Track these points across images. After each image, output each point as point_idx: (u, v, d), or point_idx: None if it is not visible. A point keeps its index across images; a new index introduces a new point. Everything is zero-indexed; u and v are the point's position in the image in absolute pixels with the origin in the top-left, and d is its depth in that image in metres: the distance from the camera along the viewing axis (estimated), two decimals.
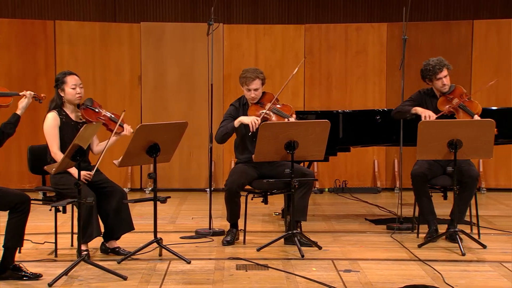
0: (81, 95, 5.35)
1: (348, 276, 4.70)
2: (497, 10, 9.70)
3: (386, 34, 9.09)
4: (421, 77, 5.97)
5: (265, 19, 9.75)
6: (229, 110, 5.90)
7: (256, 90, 5.75)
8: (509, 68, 8.92)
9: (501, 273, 4.78)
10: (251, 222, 6.53)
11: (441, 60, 5.88)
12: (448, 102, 5.85)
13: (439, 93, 5.94)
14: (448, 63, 5.91)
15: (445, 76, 5.86)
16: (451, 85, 5.92)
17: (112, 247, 5.34)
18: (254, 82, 5.74)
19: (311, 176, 5.63)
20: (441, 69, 5.84)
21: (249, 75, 5.74)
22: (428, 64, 5.89)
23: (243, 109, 5.86)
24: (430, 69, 5.86)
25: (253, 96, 5.77)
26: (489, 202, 8.13)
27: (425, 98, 5.99)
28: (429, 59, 5.94)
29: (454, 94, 5.88)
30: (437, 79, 5.86)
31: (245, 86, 5.77)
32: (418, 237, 5.93)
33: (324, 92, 9.20)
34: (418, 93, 6.06)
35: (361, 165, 9.19)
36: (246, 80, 5.75)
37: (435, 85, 5.91)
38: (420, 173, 5.72)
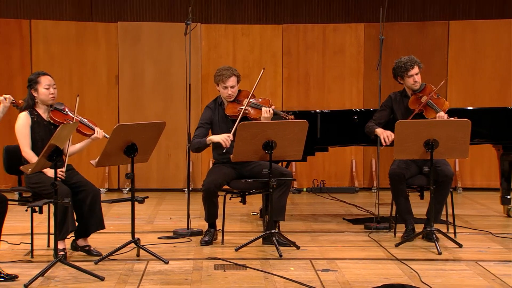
0: (54, 95, 5.33)
1: (326, 276, 4.71)
2: (473, 11, 9.80)
3: (363, 35, 9.14)
4: (392, 75, 6.04)
5: (243, 19, 9.75)
6: (204, 115, 5.86)
7: (232, 87, 5.76)
8: (484, 69, 9.01)
9: (476, 272, 4.82)
10: (229, 222, 6.53)
11: (412, 57, 5.96)
12: (418, 101, 5.91)
13: (410, 91, 5.99)
14: (419, 61, 5.97)
15: (416, 73, 5.92)
16: (422, 83, 5.98)
17: (82, 245, 5.32)
18: (230, 79, 5.75)
19: (289, 176, 5.65)
20: (412, 66, 5.90)
21: (225, 73, 5.75)
22: (399, 62, 5.96)
23: (219, 110, 5.86)
24: (401, 66, 5.92)
25: (230, 93, 5.77)
26: (465, 202, 8.20)
27: (397, 100, 6.04)
28: (400, 57, 6.02)
29: (424, 92, 5.94)
30: (409, 76, 5.92)
31: (222, 84, 5.77)
32: (395, 236, 5.97)
33: (302, 92, 9.22)
34: (388, 98, 6.12)
35: (339, 165, 9.22)
36: (222, 78, 5.75)
37: (406, 82, 5.96)
38: (398, 173, 5.76)
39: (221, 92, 5.82)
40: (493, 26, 9.02)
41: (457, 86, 8.99)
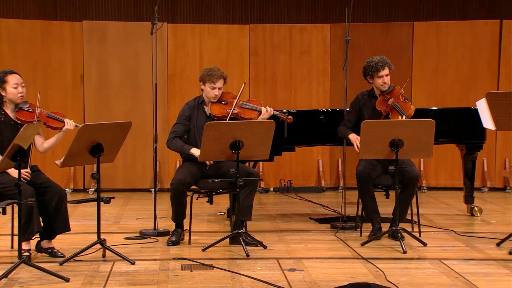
0: (23, 94, 5.27)
1: (292, 275, 4.73)
2: (436, 12, 9.92)
3: (329, 35, 9.20)
4: (362, 74, 6.07)
5: (209, 19, 9.74)
6: (183, 112, 5.86)
7: (220, 88, 5.78)
8: (447, 69, 9.14)
9: (440, 270, 4.89)
10: (197, 222, 6.51)
11: (384, 58, 6.00)
12: (385, 102, 5.96)
13: (378, 92, 6.05)
14: (390, 62, 6.02)
15: (386, 74, 5.98)
16: (391, 85, 6.03)
17: (46, 247, 5.26)
18: (220, 81, 5.77)
19: (256, 176, 5.66)
20: (383, 67, 5.95)
21: (215, 73, 5.76)
22: (371, 61, 5.99)
23: (198, 108, 5.85)
24: (373, 66, 5.96)
25: (216, 94, 5.78)
26: (429, 201, 8.30)
27: (364, 100, 6.09)
28: (372, 57, 6.05)
29: (392, 94, 5.99)
30: (379, 77, 5.96)
31: (210, 84, 5.76)
32: (361, 235, 6.01)
33: (269, 92, 9.24)
34: (356, 99, 6.16)
35: (305, 164, 9.26)
36: (212, 78, 5.75)
37: (375, 83, 6.01)
38: (365, 173, 5.81)
39: (206, 91, 5.81)
40: (456, 27, 9.15)
41: (421, 86, 9.10)
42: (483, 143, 6.97)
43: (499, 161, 9.08)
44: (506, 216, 7.25)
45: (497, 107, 5.47)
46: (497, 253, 5.35)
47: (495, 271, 4.83)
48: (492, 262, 5.08)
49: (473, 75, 9.07)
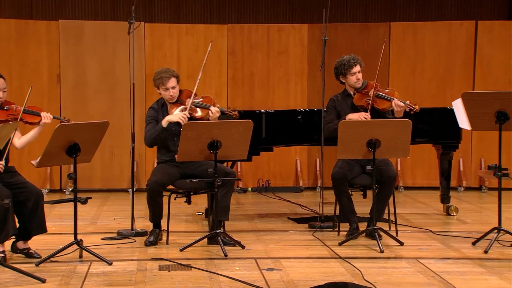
0: (2, 100, 5.22)
1: (270, 275, 4.74)
2: (413, 13, 10.00)
3: (307, 35, 9.22)
4: (335, 75, 6.10)
5: (187, 19, 9.71)
6: (150, 114, 5.85)
7: (173, 88, 5.74)
8: (424, 69, 9.21)
9: (417, 269, 4.92)
10: (174, 222, 6.50)
11: (354, 56, 6.05)
12: (364, 96, 5.99)
13: (353, 90, 6.07)
14: (360, 59, 6.06)
15: (359, 71, 6.01)
16: (364, 81, 6.07)
17: (22, 248, 5.22)
18: (170, 81, 5.74)
19: (233, 176, 5.66)
20: (355, 64, 5.99)
21: (164, 75, 5.74)
22: (342, 60, 6.04)
23: (162, 110, 5.84)
24: (344, 64, 5.99)
25: (172, 95, 5.76)
26: (406, 200, 8.35)
27: (339, 101, 6.11)
28: (342, 56, 6.09)
29: (368, 88, 6.03)
30: (351, 74, 5.99)
31: (162, 87, 5.75)
32: (339, 235, 6.04)
33: (247, 92, 9.24)
34: (331, 101, 6.17)
35: (283, 164, 9.28)
36: (162, 80, 5.73)
37: (349, 81, 6.04)
38: (340, 175, 5.83)
39: (163, 95, 5.81)
40: (432, 28, 9.22)
41: (398, 86, 9.13)
42: (459, 143, 7.04)
43: (475, 160, 9.17)
44: (482, 215, 7.33)
45: (473, 107, 5.53)
46: (472, 252, 5.41)
47: (471, 270, 4.88)
48: (468, 261, 5.13)
49: (449, 75, 9.15)
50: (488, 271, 4.82)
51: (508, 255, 5.29)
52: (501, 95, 5.46)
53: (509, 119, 5.35)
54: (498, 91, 5.66)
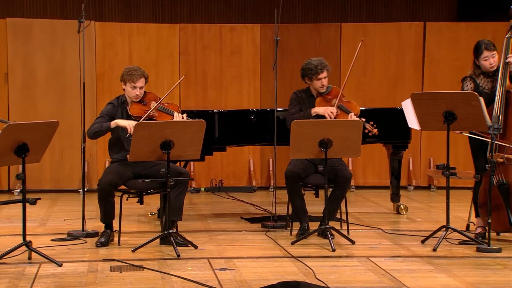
0: None
1: (223, 275, 4.74)
2: (363, 14, 10.13)
3: (259, 35, 9.24)
4: (301, 75, 6.10)
5: (138, 18, 9.64)
6: (106, 109, 5.79)
7: (141, 88, 5.71)
8: (374, 70, 9.32)
9: (368, 267, 4.98)
10: (126, 223, 6.44)
11: (322, 61, 6.05)
12: (327, 103, 6.03)
13: (316, 92, 6.11)
14: (328, 64, 6.08)
15: (325, 77, 6.04)
16: (329, 86, 6.10)
17: None
18: (140, 80, 5.71)
19: (186, 176, 5.64)
20: (322, 70, 6.01)
21: (135, 73, 5.70)
22: (310, 64, 6.03)
23: (121, 108, 5.79)
24: (312, 69, 6.00)
25: (138, 94, 5.72)
26: (357, 200, 8.45)
27: (302, 98, 6.14)
28: (311, 58, 6.09)
29: (332, 94, 6.07)
30: (317, 79, 6.02)
31: (131, 84, 5.70)
32: (291, 234, 6.07)
33: (200, 91, 9.22)
34: (295, 95, 6.19)
35: (237, 164, 9.28)
36: (133, 78, 5.68)
37: (314, 85, 6.07)
38: (293, 173, 5.87)
39: (127, 91, 5.74)
40: (382, 29, 9.35)
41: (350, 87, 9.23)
42: (408, 142, 7.15)
43: (424, 160, 9.33)
44: (431, 214, 7.46)
45: (421, 107, 5.62)
46: (422, 250, 5.50)
47: (420, 268, 4.96)
48: (417, 259, 5.21)
49: (399, 76, 9.29)
50: (437, 269, 4.92)
51: (456, 252, 5.40)
52: (448, 95, 5.57)
53: (457, 119, 5.46)
54: (446, 92, 5.77)
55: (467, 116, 5.42)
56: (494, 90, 5.65)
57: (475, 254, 5.34)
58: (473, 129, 5.63)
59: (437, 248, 5.42)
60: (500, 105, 5.54)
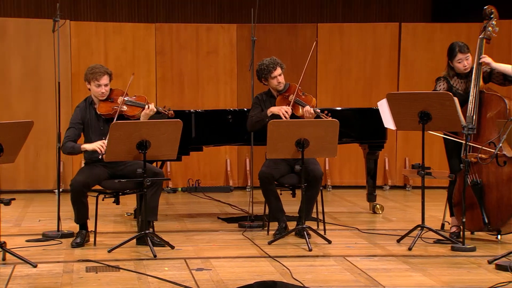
0: None
1: (200, 275, 4.73)
2: (339, 14, 10.17)
3: (236, 35, 9.24)
4: (257, 78, 6.14)
5: (114, 17, 9.59)
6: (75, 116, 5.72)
7: (106, 85, 5.67)
8: (350, 70, 9.37)
9: (344, 267, 5.00)
10: (102, 223, 6.40)
11: (274, 59, 6.08)
12: (285, 100, 6.06)
13: (276, 92, 6.13)
14: (281, 62, 6.10)
15: (279, 74, 6.06)
16: (286, 83, 6.12)
17: None
18: (104, 77, 5.67)
19: (161, 176, 5.62)
20: (275, 68, 6.03)
21: (98, 71, 5.67)
22: (262, 64, 6.07)
23: (90, 109, 5.75)
24: (264, 69, 6.04)
25: (103, 91, 5.68)
26: (334, 199, 8.48)
27: (264, 101, 6.15)
28: (263, 59, 6.12)
29: (290, 91, 6.09)
30: (272, 78, 6.04)
31: (95, 82, 5.66)
32: (268, 234, 6.08)
33: (176, 91, 9.19)
34: (256, 98, 6.22)
35: (213, 164, 9.27)
36: (96, 76, 5.65)
37: (270, 84, 6.09)
38: (266, 174, 5.87)
39: (93, 91, 5.71)
40: (358, 29, 9.40)
41: (326, 87, 9.30)
42: (384, 142, 7.20)
43: (400, 160, 9.39)
44: (406, 213, 7.52)
45: (397, 107, 5.66)
46: (397, 249, 5.54)
47: (395, 267, 5.00)
48: (393, 258, 5.25)
49: (375, 76, 9.35)
50: (412, 268, 4.95)
51: (431, 252, 5.45)
52: (424, 95, 5.62)
53: (432, 119, 5.51)
54: (421, 92, 5.82)
55: (442, 116, 5.47)
56: (467, 91, 5.71)
57: (450, 253, 5.39)
58: (447, 129, 5.69)
59: (412, 247, 5.46)
60: (474, 105, 5.61)
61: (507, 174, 5.49)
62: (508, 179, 5.48)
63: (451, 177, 5.78)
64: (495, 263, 4.91)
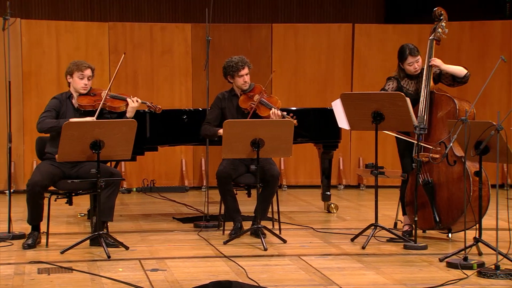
0: None
1: (155, 275, 4.71)
2: (294, 14, 10.23)
3: (191, 35, 9.21)
4: (223, 74, 6.13)
5: (66, 15, 9.46)
6: (53, 103, 5.70)
7: (89, 78, 5.69)
8: (305, 70, 9.43)
9: (299, 266, 5.03)
10: (55, 224, 6.31)
11: (243, 58, 6.10)
12: (249, 99, 6.07)
13: (239, 91, 6.14)
14: (249, 62, 6.13)
15: (246, 73, 6.07)
16: (251, 83, 6.14)
17: None
18: (88, 70, 5.69)
19: (117, 176, 5.58)
20: (243, 67, 6.04)
21: (83, 63, 5.70)
22: (231, 61, 6.07)
23: (67, 103, 5.72)
24: (233, 66, 6.03)
25: (86, 83, 5.69)
26: (289, 199, 8.53)
27: (225, 100, 6.15)
28: (232, 57, 6.13)
29: (254, 91, 6.11)
30: (239, 76, 6.05)
31: (78, 73, 5.66)
32: (223, 234, 6.08)
33: (130, 91, 9.03)
34: (217, 99, 6.20)
35: (169, 164, 9.23)
36: (80, 67, 5.67)
37: (236, 82, 6.09)
38: (225, 174, 5.87)
39: (75, 83, 5.68)
40: (313, 30, 9.47)
41: (281, 87, 9.33)
42: (338, 142, 7.26)
43: (354, 159, 9.49)
44: (360, 212, 7.60)
45: (351, 107, 5.73)
46: (351, 248, 5.60)
47: (349, 266, 5.05)
48: (347, 257, 5.30)
49: (330, 76, 9.43)
50: (366, 266, 5.01)
51: (384, 250, 5.52)
52: (377, 96, 5.69)
53: (385, 119, 5.58)
54: (374, 92, 5.90)
55: (394, 116, 5.55)
56: (418, 91, 5.81)
57: (402, 251, 5.47)
58: (400, 129, 5.77)
59: (366, 246, 5.53)
60: (425, 105, 5.71)
61: (457, 173, 5.60)
62: (458, 178, 5.59)
63: (404, 176, 5.86)
64: (446, 261, 5.00)
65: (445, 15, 5.89)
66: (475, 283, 4.52)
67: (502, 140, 4.77)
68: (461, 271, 4.70)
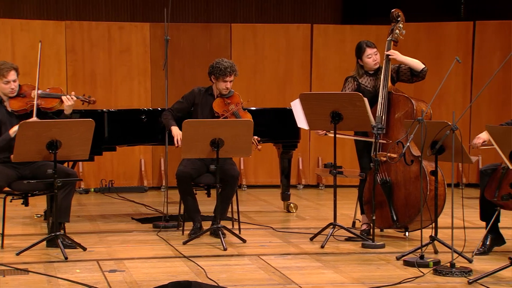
0: None
1: (113, 276, 4.67)
2: (253, 15, 10.25)
3: (149, 34, 9.16)
4: (208, 72, 6.04)
5: (21, 14, 9.31)
6: None
7: (14, 81, 5.53)
8: (265, 71, 9.46)
9: (258, 265, 5.05)
10: (10, 226, 6.21)
11: (233, 65, 6.00)
12: (224, 106, 6.03)
13: (217, 93, 6.10)
14: (237, 70, 6.05)
15: (231, 81, 6.04)
16: (231, 90, 6.11)
17: None
18: (10, 73, 5.52)
19: (74, 176, 5.52)
20: (230, 73, 5.99)
21: (3, 67, 5.52)
22: (220, 64, 5.96)
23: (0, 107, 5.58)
24: (221, 69, 5.95)
25: (13, 87, 5.53)
26: (249, 198, 8.55)
27: (201, 96, 6.10)
28: (223, 59, 6.03)
29: (232, 100, 6.08)
30: (224, 81, 6.00)
31: (3, 79, 5.51)
32: (183, 234, 6.06)
33: (88, 91, 8.95)
34: (192, 92, 6.13)
35: (127, 164, 9.16)
36: (2, 72, 5.50)
37: (218, 85, 6.04)
38: (185, 174, 5.86)
39: (1, 88, 5.53)
40: (272, 30, 9.50)
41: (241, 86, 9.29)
42: (297, 142, 7.31)
43: (313, 159, 9.55)
44: (319, 212, 7.66)
45: (310, 107, 5.77)
46: (310, 247, 5.64)
47: (308, 265, 5.09)
48: (306, 256, 5.34)
49: (289, 77, 9.47)
50: (324, 265, 5.05)
51: (343, 249, 5.57)
52: (335, 96, 5.74)
53: (343, 119, 5.63)
54: (332, 92, 5.95)
55: (352, 116, 5.60)
56: (376, 88, 5.88)
57: (360, 250, 5.53)
58: (358, 129, 5.84)
59: (324, 245, 5.57)
60: (383, 106, 5.78)
61: (415, 173, 5.68)
62: (415, 178, 5.67)
63: (362, 175, 5.92)
64: (403, 259, 5.07)
65: (402, 17, 5.98)
66: (431, 281, 4.59)
67: (457, 140, 4.85)
68: (418, 269, 4.77)
